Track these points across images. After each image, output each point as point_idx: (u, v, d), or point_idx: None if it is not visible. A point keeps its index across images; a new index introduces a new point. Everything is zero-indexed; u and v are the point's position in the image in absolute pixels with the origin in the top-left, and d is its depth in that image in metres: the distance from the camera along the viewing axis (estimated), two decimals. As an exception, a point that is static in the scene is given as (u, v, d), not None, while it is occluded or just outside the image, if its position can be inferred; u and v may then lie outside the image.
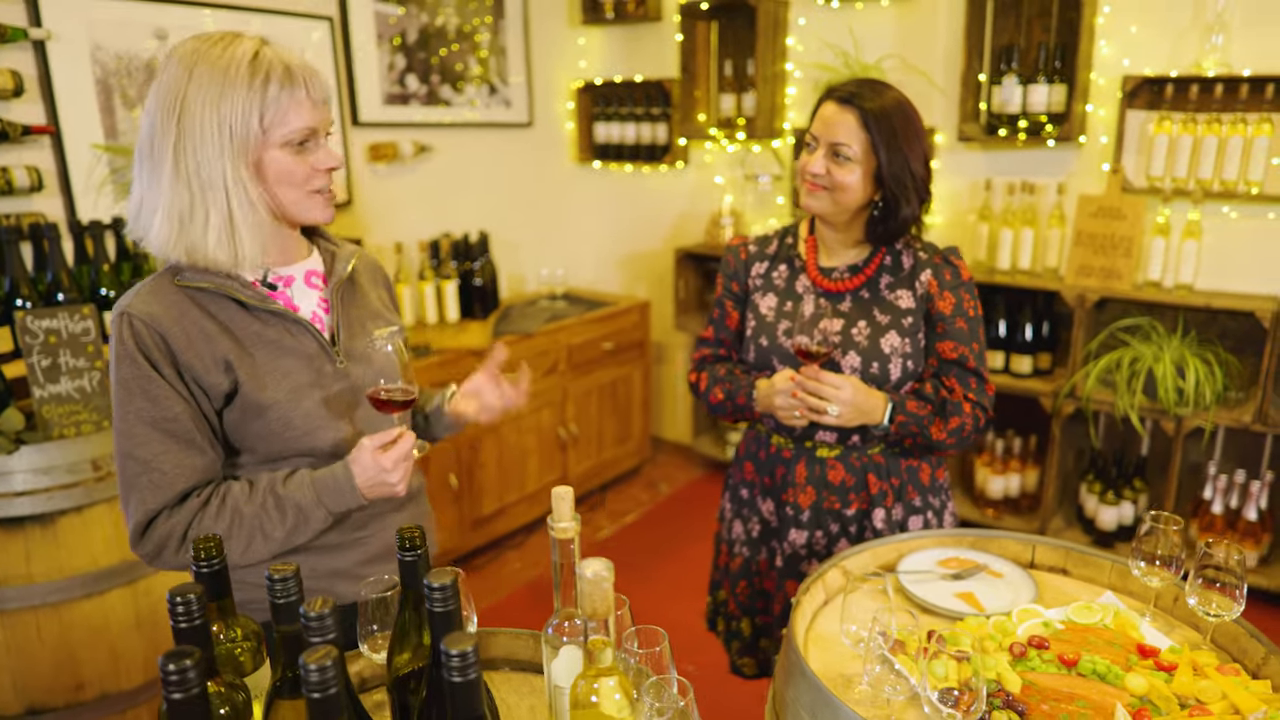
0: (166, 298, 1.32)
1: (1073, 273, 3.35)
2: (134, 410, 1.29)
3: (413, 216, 3.85)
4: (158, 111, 1.28)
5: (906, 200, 1.66)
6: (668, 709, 0.97)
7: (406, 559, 0.99)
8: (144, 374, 1.29)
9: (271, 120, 1.29)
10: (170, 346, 1.30)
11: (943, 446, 1.72)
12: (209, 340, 1.32)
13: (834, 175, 1.66)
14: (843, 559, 1.55)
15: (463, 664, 0.77)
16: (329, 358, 1.43)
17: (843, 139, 1.63)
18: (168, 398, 1.30)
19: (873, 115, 1.61)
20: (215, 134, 1.26)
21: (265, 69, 1.28)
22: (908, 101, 1.67)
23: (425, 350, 3.35)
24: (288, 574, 0.92)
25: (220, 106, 1.26)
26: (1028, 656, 1.27)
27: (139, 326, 1.29)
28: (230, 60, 1.27)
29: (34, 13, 2.67)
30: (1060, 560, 1.58)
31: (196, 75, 1.26)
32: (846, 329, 1.74)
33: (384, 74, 3.68)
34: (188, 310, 1.32)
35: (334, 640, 0.84)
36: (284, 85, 1.29)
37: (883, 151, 1.62)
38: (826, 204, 1.70)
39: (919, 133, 1.66)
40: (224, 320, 1.35)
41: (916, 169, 1.65)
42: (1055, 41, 3.34)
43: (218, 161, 1.27)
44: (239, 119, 1.27)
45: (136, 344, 1.29)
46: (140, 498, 1.30)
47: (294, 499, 1.35)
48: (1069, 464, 3.69)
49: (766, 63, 3.89)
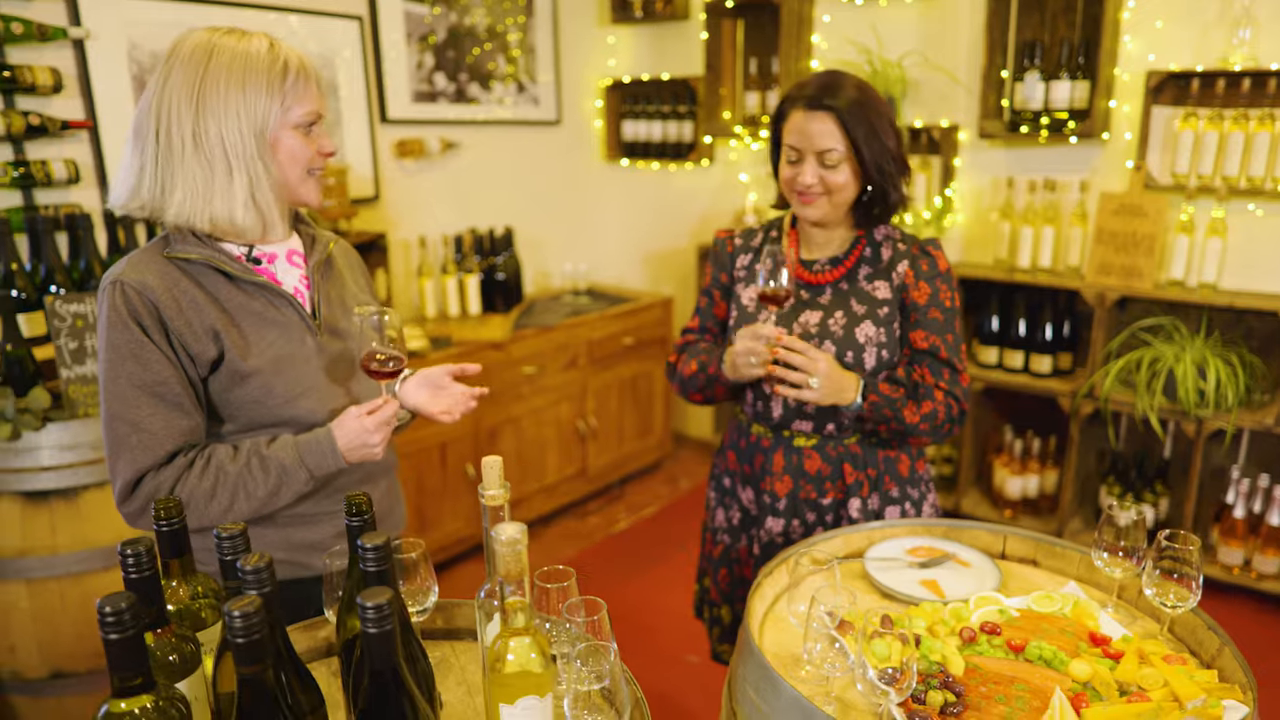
0: (158, 267, 1.40)
1: (1093, 271, 3.31)
2: (125, 374, 1.37)
3: (439, 211, 3.94)
4: (170, 98, 1.36)
5: (894, 185, 1.68)
6: (599, 670, 1.02)
7: (353, 524, 1.04)
8: (136, 339, 1.36)
9: (288, 104, 1.40)
10: (161, 314, 1.37)
11: (916, 432, 1.72)
12: (198, 309, 1.40)
13: (827, 181, 1.68)
14: (811, 544, 1.57)
15: (378, 615, 0.82)
16: (310, 330, 1.51)
17: (827, 144, 1.65)
18: (158, 362, 1.37)
19: (847, 113, 1.63)
20: (239, 114, 1.37)
21: (283, 59, 1.40)
22: (865, 84, 1.69)
23: (446, 342, 3.43)
24: (235, 533, 0.99)
25: (245, 90, 1.37)
26: (977, 641, 1.29)
27: (131, 294, 1.36)
28: (249, 50, 1.38)
29: (74, 13, 2.81)
30: (1030, 551, 1.59)
31: (215, 63, 1.37)
32: (824, 319, 1.76)
33: (412, 72, 3.78)
34: (178, 280, 1.40)
35: (268, 593, 0.90)
36: (298, 75, 1.41)
37: (864, 147, 1.64)
38: (825, 209, 1.73)
39: (886, 114, 1.68)
40: (212, 290, 1.43)
41: (894, 149, 1.67)
42: (1079, 37, 3.30)
43: (240, 139, 1.38)
44: (261, 101, 1.38)
45: (129, 310, 1.36)
46: (130, 457, 1.37)
47: (277, 459, 1.42)
48: (1090, 466, 3.64)
49: (791, 60, 3.90)
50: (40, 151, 2.76)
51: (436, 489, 3.38)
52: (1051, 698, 1.13)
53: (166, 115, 1.37)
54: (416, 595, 1.24)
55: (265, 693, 0.83)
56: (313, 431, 1.46)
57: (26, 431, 2.16)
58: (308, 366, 1.49)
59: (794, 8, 3.83)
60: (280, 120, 1.40)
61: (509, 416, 3.61)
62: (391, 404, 1.47)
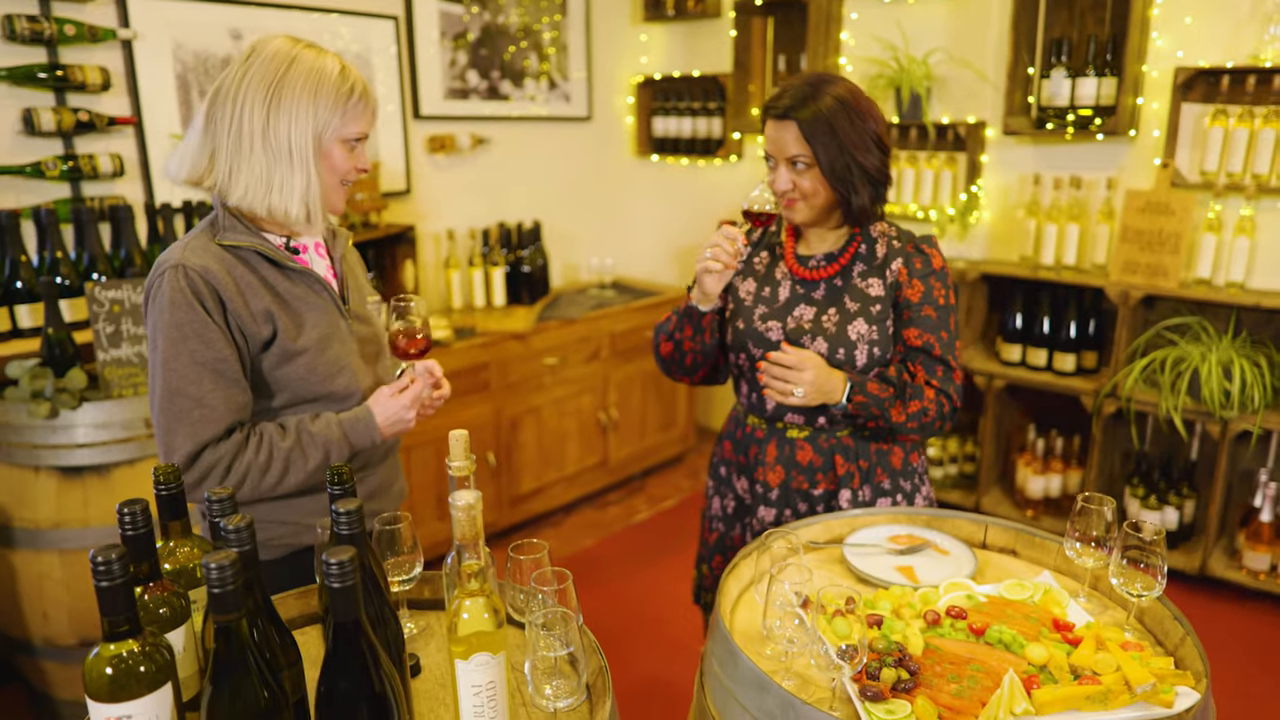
0: (214, 253, 1.51)
1: (1117, 269, 3.28)
2: (187, 351, 1.47)
3: (468, 205, 4.04)
4: (247, 94, 1.48)
5: (855, 192, 1.71)
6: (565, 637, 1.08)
7: (334, 492, 1.12)
8: (200, 319, 1.46)
9: (346, 120, 1.53)
10: (221, 296, 1.48)
11: (904, 430, 1.75)
12: (254, 292, 1.52)
13: (800, 185, 1.73)
14: (794, 529, 1.61)
15: (340, 572, 0.89)
16: (341, 314, 1.64)
17: (793, 152, 1.70)
18: (219, 341, 1.47)
19: (807, 124, 1.67)
20: (308, 119, 1.49)
21: (352, 81, 1.54)
22: (850, 95, 1.71)
23: (470, 332, 3.52)
24: (223, 496, 1.07)
25: (316, 99, 1.49)
26: (941, 624, 1.32)
27: (195, 277, 1.46)
28: (324, 66, 1.51)
29: (123, 14, 2.95)
30: (1010, 541, 1.61)
31: (296, 70, 1.49)
32: (817, 315, 1.80)
33: (446, 69, 3.88)
34: (234, 265, 1.52)
35: (248, 551, 0.98)
36: (361, 98, 1.55)
37: (823, 155, 1.68)
38: (805, 212, 1.77)
39: (862, 123, 1.69)
40: (263, 275, 1.55)
41: (864, 160, 1.69)
42: (1107, 33, 3.28)
43: (304, 140, 1.50)
44: (326, 112, 1.51)
45: (193, 292, 1.46)
46: (191, 430, 1.47)
47: (323, 436, 1.55)
48: (1115, 466, 3.60)
49: (818, 57, 3.92)
50: (88, 146, 2.91)
51: (460, 475, 3.47)
52: (1003, 678, 1.17)
53: (242, 107, 1.48)
54: (403, 566, 1.31)
55: (238, 642, 0.91)
56: (353, 410, 1.59)
57: (64, 410, 2.29)
58: (343, 347, 1.62)
59: (822, 5, 3.84)
60: (336, 133, 1.52)
61: (530, 406, 3.70)
62: (419, 383, 1.62)
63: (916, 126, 3.76)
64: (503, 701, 0.97)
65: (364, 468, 1.69)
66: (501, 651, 0.96)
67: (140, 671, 0.91)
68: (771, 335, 1.82)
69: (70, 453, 2.30)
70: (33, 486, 2.35)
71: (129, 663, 0.90)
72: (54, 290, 2.38)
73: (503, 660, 0.96)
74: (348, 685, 0.91)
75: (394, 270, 3.64)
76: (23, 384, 2.29)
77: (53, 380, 2.31)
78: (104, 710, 0.89)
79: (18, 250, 2.57)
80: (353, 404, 1.63)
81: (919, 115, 3.70)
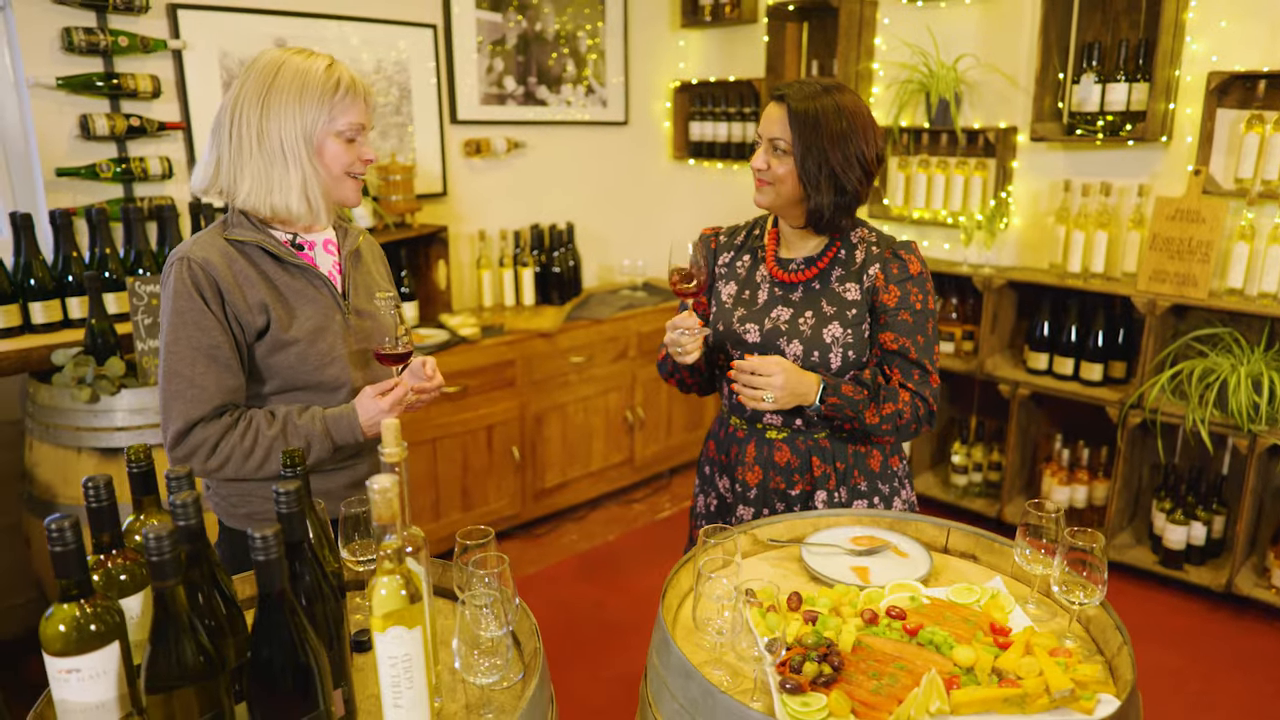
0: (218, 248, 1.63)
1: (1145, 278, 3.22)
2: (185, 337, 1.59)
3: (504, 207, 4.15)
4: (243, 103, 1.60)
5: (816, 191, 1.74)
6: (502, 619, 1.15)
7: (285, 474, 1.20)
8: (198, 308, 1.58)
9: (334, 114, 1.63)
10: (220, 287, 1.59)
11: (878, 432, 1.78)
12: (251, 285, 1.63)
13: (773, 169, 1.77)
14: (754, 527, 1.66)
15: (264, 546, 0.98)
16: (340, 309, 1.73)
17: (776, 133, 1.74)
18: (214, 329, 1.59)
19: (796, 112, 1.71)
20: (296, 119, 1.60)
21: (336, 77, 1.64)
22: (852, 106, 1.74)
23: (498, 330, 3.63)
24: (181, 474, 1.17)
25: (302, 99, 1.60)
26: (878, 623, 1.35)
27: (196, 269, 1.59)
28: (310, 67, 1.62)
29: (174, 26, 3.13)
30: (971, 546, 1.63)
31: (282, 75, 1.60)
32: (794, 318, 1.84)
33: (482, 76, 3.99)
34: (235, 259, 1.63)
35: (193, 525, 1.07)
36: (348, 91, 1.64)
37: (799, 145, 1.71)
38: (770, 197, 1.81)
39: (851, 135, 1.72)
40: (263, 269, 1.66)
41: (840, 169, 1.72)
42: (1140, 37, 3.22)
43: (294, 140, 1.61)
44: (313, 110, 1.61)
45: (194, 283, 1.58)
46: (182, 408, 1.59)
47: (306, 429, 1.64)
48: (1143, 479, 3.53)
49: (850, 62, 3.92)
50: (140, 150, 3.09)
51: (482, 469, 3.58)
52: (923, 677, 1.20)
53: (240, 116, 1.60)
54: (370, 548, 1.40)
55: (175, 607, 1.00)
56: (340, 407, 1.67)
57: (103, 395, 2.46)
58: (336, 340, 1.71)
59: (853, 10, 3.85)
60: (326, 128, 1.62)
61: (555, 403, 3.79)
62: (403, 385, 1.68)
63: (946, 132, 3.73)
64: (420, 673, 1.05)
65: (355, 455, 1.77)
66: (418, 626, 1.03)
67: (90, 630, 1.01)
68: (749, 337, 1.86)
69: (109, 435, 2.47)
70: (75, 466, 2.52)
71: (79, 621, 1.00)
72: (97, 284, 2.55)
73: (419, 634, 1.03)
74: (270, 654, 1.00)
75: (428, 269, 3.76)
76: (66, 371, 2.47)
77: (94, 367, 2.48)
78: (56, 664, 0.99)
79: (70, 246, 2.76)
80: (343, 394, 1.72)
81: (948, 121, 3.68)
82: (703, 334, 1.76)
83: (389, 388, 1.67)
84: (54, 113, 2.90)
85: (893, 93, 3.87)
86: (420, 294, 3.77)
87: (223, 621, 1.11)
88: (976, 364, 3.67)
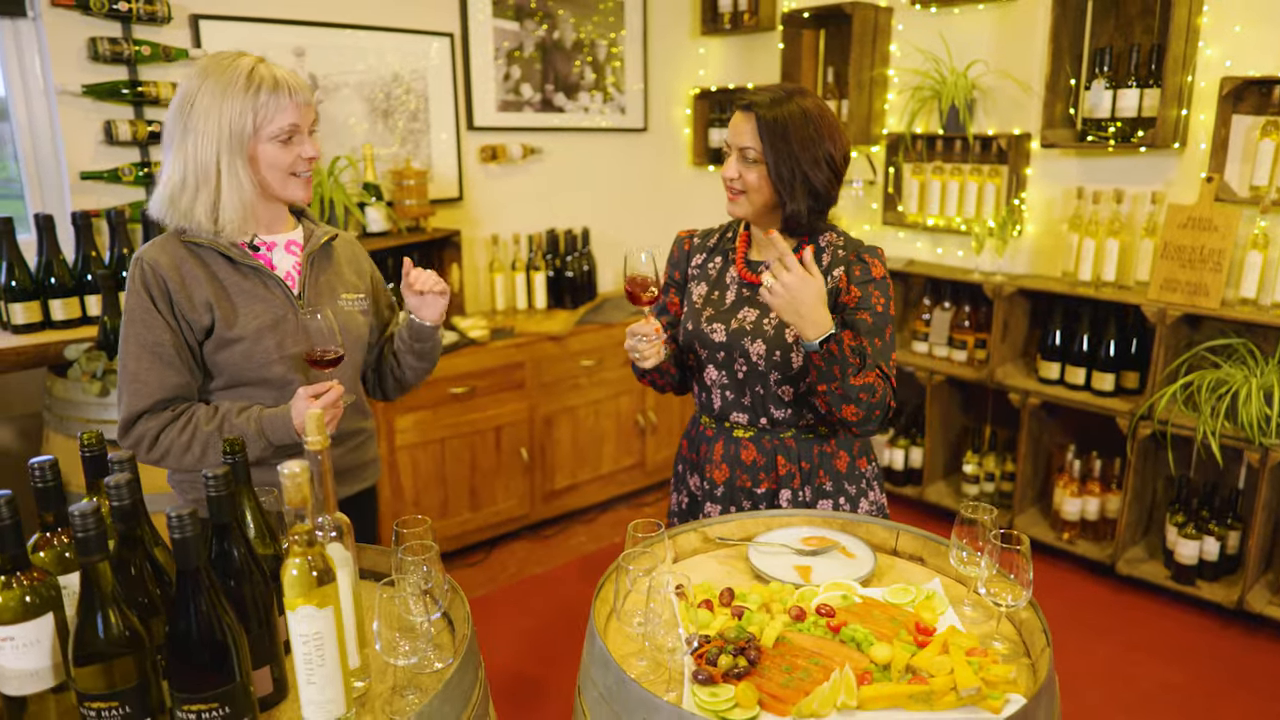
0: (172, 249, 1.69)
1: (1156, 287, 3.16)
2: (133, 334, 1.67)
3: (520, 212, 4.22)
4: (174, 110, 1.66)
5: (791, 197, 1.76)
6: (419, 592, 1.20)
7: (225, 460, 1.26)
8: (145, 306, 1.66)
9: (261, 120, 1.64)
10: (167, 287, 1.66)
11: (854, 398, 1.70)
12: (198, 284, 1.68)
13: (745, 178, 1.79)
14: (706, 525, 1.68)
15: (180, 524, 1.04)
16: (293, 309, 1.77)
17: (746, 143, 1.76)
18: (159, 327, 1.66)
19: (765, 120, 1.73)
20: (215, 130, 1.62)
21: (258, 80, 1.64)
22: (816, 111, 1.76)
23: (508, 333, 3.69)
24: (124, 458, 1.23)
25: (222, 108, 1.62)
26: (804, 620, 1.37)
27: (146, 270, 1.66)
28: (232, 72, 1.63)
29: (195, 36, 3.26)
30: (919, 549, 1.63)
31: (206, 84, 1.63)
32: (759, 318, 1.86)
33: (499, 83, 4.07)
34: (185, 260, 1.69)
35: (126, 505, 1.13)
36: (272, 92, 1.64)
37: (770, 153, 1.73)
38: (744, 207, 1.84)
39: (819, 139, 1.74)
40: (213, 270, 1.71)
41: (810, 172, 1.74)
42: (1153, 43, 3.16)
43: (213, 152, 1.63)
44: (237, 120, 1.63)
45: (143, 283, 1.66)
46: (128, 401, 1.67)
47: (241, 428, 1.69)
48: (1157, 491, 3.46)
49: (863, 69, 3.92)
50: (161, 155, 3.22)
51: (490, 469, 3.64)
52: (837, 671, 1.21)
53: (170, 127, 1.65)
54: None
55: (101, 582, 1.06)
56: (277, 408, 1.70)
57: (113, 389, 2.57)
58: (286, 339, 1.75)
59: (867, 17, 3.85)
60: (254, 137, 1.63)
61: (565, 406, 3.84)
62: (336, 388, 1.68)
63: (960, 139, 3.71)
64: (332, 652, 1.09)
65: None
66: (329, 606, 1.08)
67: (26, 601, 1.08)
68: (715, 336, 1.89)
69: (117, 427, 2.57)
70: (86, 457, 2.63)
71: (14, 592, 1.07)
72: (111, 282, 2.66)
73: (330, 614, 1.08)
74: (186, 627, 1.05)
75: (441, 273, 3.85)
76: (78, 365, 2.59)
77: (104, 362, 2.59)
78: (-9, 630, 1.06)
79: (89, 246, 2.89)
80: (291, 391, 1.75)
81: (961, 127, 3.65)
82: (660, 340, 1.78)
83: (323, 389, 1.66)
84: (80, 119, 3.04)
85: (906, 99, 3.85)
86: (434, 297, 3.84)
87: (155, 599, 1.17)
88: (988, 373, 3.63)
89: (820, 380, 1.71)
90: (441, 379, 3.43)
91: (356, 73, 3.65)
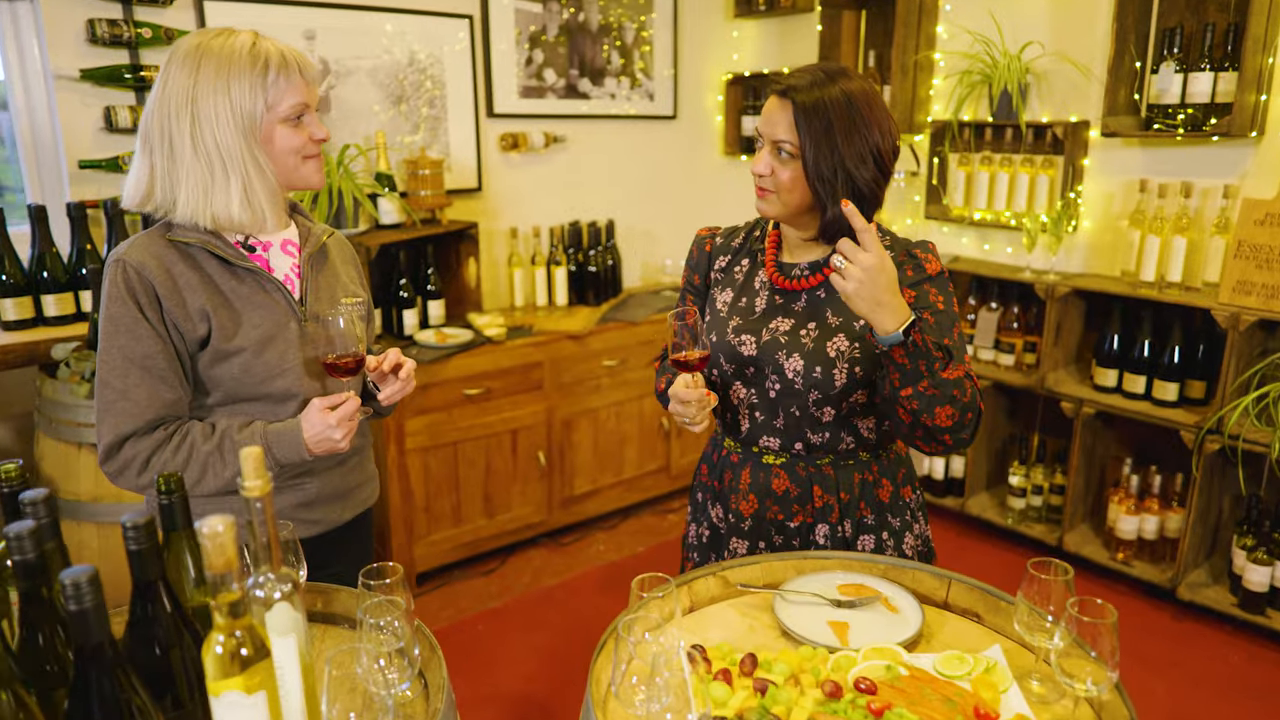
0: (158, 250, 1.50)
1: (1228, 290, 2.88)
2: (118, 345, 1.48)
3: (541, 203, 4.02)
4: (169, 103, 1.46)
5: (832, 201, 1.53)
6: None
7: (164, 503, 1.08)
8: (131, 315, 1.47)
9: (272, 100, 1.48)
10: (157, 293, 1.48)
11: (948, 398, 1.44)
12: (192, 290, 1.50)
13: (777, 174, 1.57)
14: (725, 568, 1.48)
15: (76, 593, 0.86)
16: (295, 316, 1.59)
17: (780, 135, 1.54)
18: (148, 338, 1.48)
19: (804, 109, 1.50)
20: (229, 117, 1.46)
21: (263, 57, 1.47)
22: (863, 95, 1.53)
23: (526, 331, 3.50)
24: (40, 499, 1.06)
25: (230, 93, 1.45)
26: (840, 698, 1.16)
27: (130, 273, 1.47)
28: (232, 52, 1.46)
29: (200, 18, 3.09)
30: (974, 603, 1.41)
31: (204, 69, 1.45)
32: (795, 329, 1.64)
33: (521, 68, 3.87)
34: (175, 262, 1.51)
35: (33, 562, 0.96)
36: (279, 70, 1.48)
37: (809, 148, 1.50)
38: (775, 206, 1.62)
39: (866, 129, 1.51)
40: (207, 273, 1.53)
41: (854, 170, 1.51)
42: (1230, 21, 2.88)
43: (234, 140, 1.47)
44: (247, 102, 1.46)
45: (127, 288, 1.47)
46: (114, 421, 1.49)
47: (244, 445, 1.50)
48: (1223, 511, 3.19)
49: (907, 52, 3.67)
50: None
51: (506, 474, 3.46)
52: (879, 771, 1.01)
53: (167, 121, 1.46)
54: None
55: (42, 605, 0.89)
56: (284, 422, 1.54)
57: (101, 393, 2.42)
58: (289, 349, 1.57)
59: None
60: (268, 116, 1.48)
61: (585, 408, 3.64)
62: (353, 400, 1.53)
63: (1011, 127, 3.45)
64: (267, 745, 0.91)
65: (306, 473, 1.64)
66: (260, 691, 0.89)
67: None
68: (744, 350, 1.67)
69: (101, 434, 2.42)
70: (75, 462, 2.49)
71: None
72: (97, 278, 2.50)
73: (261, 700, 0.90)
74: (85, 717, 0.87)
75: (458, 267, 3.67)
76: (66, 365, 2.44)
77: (94, 362, 2.44)
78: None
79: (85, 239, 2.74)
80: (292, 407, 1.59)
81: (1013, 114, 3.39)
82: (711, 404, 1.59)
83: (339, 401, 1.52)
84: (78, 105, 2.89)
85: (953, 84, 3.59)
86: (449, 293, 3.67)
87: (67, 665, 1.00)
88: (1038, 379, 3.38)
89: (905, 382, 1.44)
90: (455, 379, 3.25)
91: (370, 57, 3.47)
